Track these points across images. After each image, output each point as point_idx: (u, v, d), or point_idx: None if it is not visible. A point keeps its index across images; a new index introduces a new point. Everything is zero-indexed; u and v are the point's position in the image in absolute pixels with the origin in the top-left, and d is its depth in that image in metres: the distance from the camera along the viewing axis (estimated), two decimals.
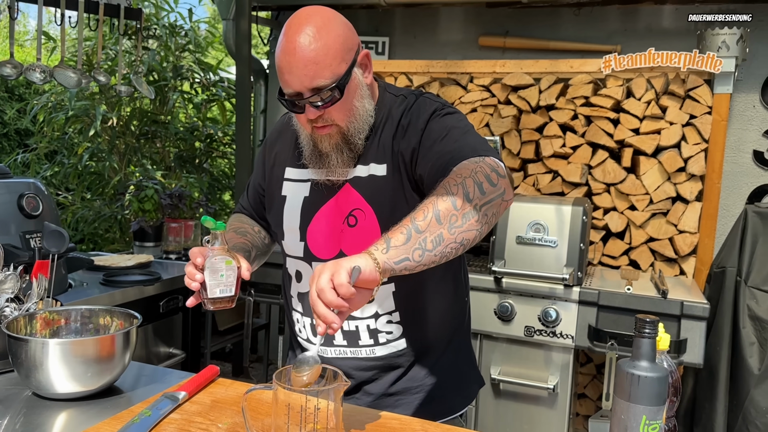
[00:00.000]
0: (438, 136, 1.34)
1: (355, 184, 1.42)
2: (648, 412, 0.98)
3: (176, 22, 4.47)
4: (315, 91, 1.29)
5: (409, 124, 1.40)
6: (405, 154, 1.39)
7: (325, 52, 1.28)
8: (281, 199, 1.53)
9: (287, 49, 1.29)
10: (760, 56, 3.24)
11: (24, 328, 1.49)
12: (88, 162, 4.22)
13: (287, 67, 1.29)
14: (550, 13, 3.57)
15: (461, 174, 1.22)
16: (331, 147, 1.38)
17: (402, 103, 1.45)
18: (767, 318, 2.54)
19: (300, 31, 1.28)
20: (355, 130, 1.38)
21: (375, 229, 1.40)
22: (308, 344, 1.54)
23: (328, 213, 1.45)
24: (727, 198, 3.31)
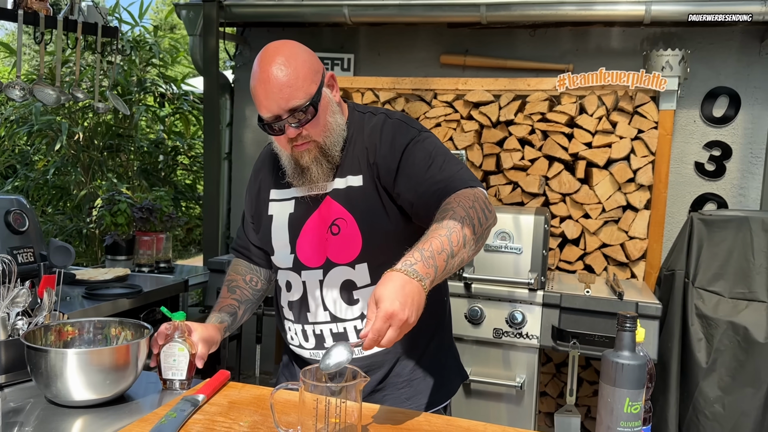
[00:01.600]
0: (423, 164, 1.49)
1: (335, 196, 1.57)
2: (630, 395, 1.15)
3: (140, 37, 4.51)
4: (291, 111, 1.45)
5: (381, 141, 1.55)
6: (380, 168, 1.53)
7: (296, 76, 1.44)
8: (268, 219, 1.68)
9: (262, 78, 1.45)
10: (700, 75, 3.52)
11: (41, 340, 1.55)
12: (51, 177, 4.21)
13: (264, 94, 1.45)
14: (507, 33, 3.78)
15: (464, 204, 1.38)
16: (311, 160, 1.52)
17: (371, 120, 1.60)
18: (713, 316, 2.78)
19: (271, 62, 1.44)
20: (331, 143, 1.53)
21: (356, 235, 1.55)
22: (300, 350, 1.68)
23: (313, 225, 1.59)
24: (672, 206, 3.58)
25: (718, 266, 2.85)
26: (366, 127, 1.59)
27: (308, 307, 1.62)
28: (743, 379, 2.70)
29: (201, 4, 3.90)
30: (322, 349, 1.61)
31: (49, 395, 1.47)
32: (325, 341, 1.61)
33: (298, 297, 1.63)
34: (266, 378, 3.90)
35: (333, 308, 1.60)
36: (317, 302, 1.61)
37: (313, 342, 1.63)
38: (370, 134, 1.57)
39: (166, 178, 4.75)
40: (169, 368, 1.56)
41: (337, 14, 3.73)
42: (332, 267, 1.58)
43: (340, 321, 1.60)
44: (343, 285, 1.58)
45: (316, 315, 1.62)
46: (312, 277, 1.60)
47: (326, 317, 1.61)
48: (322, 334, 1.62)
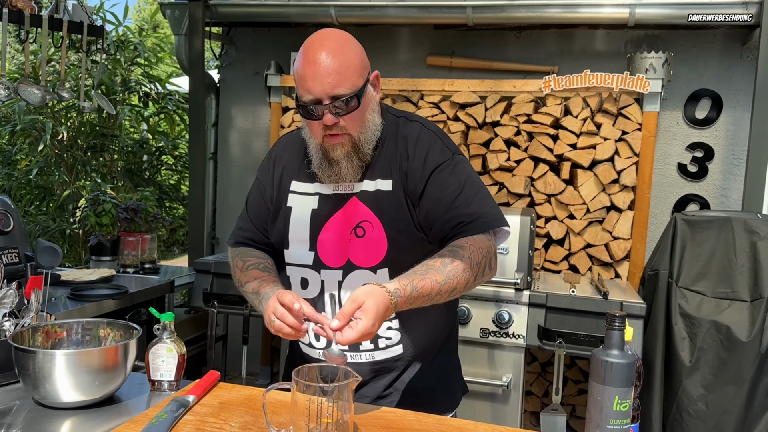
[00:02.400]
0: (452, 192, 1.51)
1: (362, 197, 1.55)
2: (620, 393, 1.16)
3: (124, 36, 4.48)
4: (334, 98, 1.43)
5: (414, 152, 1.54)
6: (409, 180, 1.53)
7: (347, 65, 1.42)
8: (287, 210, 1.62)
9: (311, 60, 1.42)
10: (683, 78, 3.57)
11: (28, 341, 1.54)
12: (34, 177, 4.16)
13: (311, 75, 1.42)
14: (493, 35, 3.80)
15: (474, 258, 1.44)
16: (343, 155, 1.50)
17: (405, 125, 1.59)
18: (696, 315, 2.82)
19: (324, 46, 1.43)
20: (365, 140, 1.51)
21: (382, 239, 1.53)
22: (309, 349, 1.65)
23: (336, 224, 1.56)
24: (655, 207, 3.62)
25: (701, 266, 2.89)
26: (400, 131, 1.57)
27: (324, 306, 1.60)
28: (726, 378, 2.74)
29: (186, 3, 3.88)
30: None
31: (37, 397, 1.46)
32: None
33: (315, 295, 1.61)
34: (252, 379, 3.89)
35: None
36: (334, 302, 1.59)
37: (324, 342, 1.61)
38: (404, 141, 1.56)
39: (151, 178, 4.72)
40: (157, 369, 1.56)
41: (324, 15, 3.73)
42: (353, 269, 1.56)
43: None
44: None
45: (330, 315, 1.59)
46: (331, 277, 1.58)
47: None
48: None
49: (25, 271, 1.79)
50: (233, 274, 1.68)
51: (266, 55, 4.10)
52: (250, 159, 4.32)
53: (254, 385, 3.25)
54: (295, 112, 3.80)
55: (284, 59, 3.98)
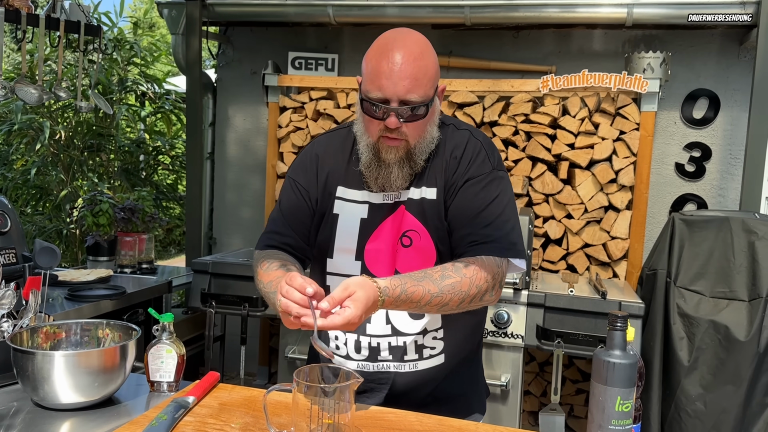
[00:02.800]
0: (478, 205, 1.46)
1: (409, 206, 1.51)
2: (622, 393, 1.16)
3: (120, 35, 4.46)
4: (404, 103, 1.39)
5: (460, 161, 1.50)
6: (447, 187, 1.50)
7: (424, 72, 1.39)
8: (332, 217, 1.55)
9: (389, 58, 1.37)
10: (680, 77, 3.57)
11: (27, 342, 1.53)
12: (31, 177, 4.15)
13: (387, 73, 1.37)
14: (490, 35, 3.80)
15: (477, 282, 1.39)
16: (395, 160, 1.46)
17: (454, 134, 1.54)
18: (694, 315, 2.82)
19: (405, 47, 1.38)
20: (419, 151, 1.47)
21: (430, 249, 1.49)
22: (345, 360, 1.59)
23: (384, 233, 1.52)
24: (653, 206, 3.63)
25: (699, 266, 2.89)
26: (449, 140, 1.54)
27: (369, 318, 1.53)
28: (724, 377, 2.75)
29: (183, 3, 3.87)
30: (374, 361, 1.56)
31: (36, 398, 1.45)
32: (380, 354, 1.56)
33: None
34: (250, 379, 3.89)
35: (396, 322, 1.55)
36: (380, 314, 1.53)
37: (366, 354, 1.57)
38: (452, 150, 1.52)
39: (147, 178, 4.71)
40: (157, 370, 1.56)
41: (322, 14, 3.73)
42: None
43: (401, 335, 1.55)
44: None
45: (376, 328, 1.55)
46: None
47: (387, 330, 1.55)
48: (378, 346, 1.56)
49: (23, 272, 1.78)
50: (255, 276, 1.58)
51: (264, 54, 4.09)
52: (248, 159, 4.32)
53: (252, 385, 3.25)
54: (294, 112, 3.80)
55: (282, 59, 3.97)
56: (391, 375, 1.56)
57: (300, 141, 3.80)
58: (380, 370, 1.56)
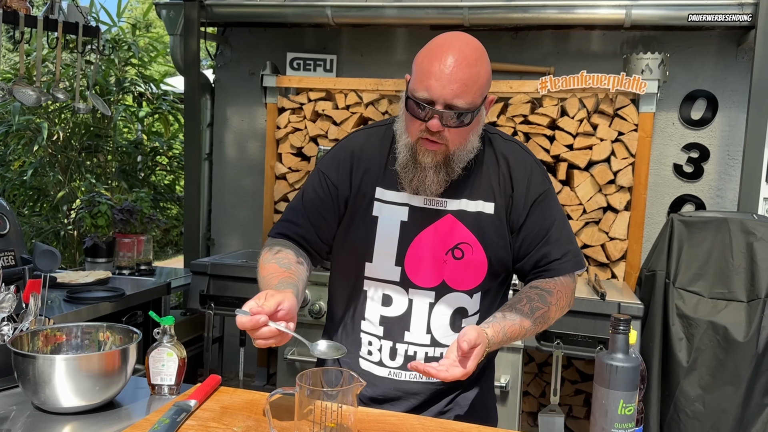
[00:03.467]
0: (546, 225, 1.51)
1: (461, 217, 1.49)
2: (624, 396, 1.16)
3: (117, 36, 4.46)
4: (448, 107, 1.36)
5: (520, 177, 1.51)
6: (514, 206, 1.50)
7: (474, 80, 1.37)
8: (372, 219, 1.52)
9: (442, 59, 1.35)
10: (679, 78, 3.58)
11: (28, 345, 1.53)
12: (28, 178, 4.14)
13: (437, 74, 1.34)
14: (489, 36, 3.80)
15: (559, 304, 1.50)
16: (432, 164, 1.42)
17: (502, 144, 1.54)
18: (693, 316, 2.83)
19: (460, 51, 1.36)
20: (458, 158, 1.44)
21: (483, 264, 1.49)
22: (376, 366, 1.57)
23: (428, 241, 1.49)
24: (651, 207, 3.63)
25: (697, 267, 2.90)
26: (498, 150, 1.52)
27: (408, 326, 1.52)
28: (723, 378, 2.75)
29: (182, 3, 3.86)
30: (407, 370, 1.53)
31: (37, 402, 1.45)
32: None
33: (399, 314, 1.52)
34: (249, 380, 3.88)
35: (436, 333, 1.53)
36: (421, 324, 1.52)
37: (401, 362, 1.54)
38: (506, 163, 1.51)
39: (145, 179, 4.70)
40: (158, 373, 1.55)
41: (320, 15, 3.72)
42: (448, 292, 1.51)
43: (439, 346, 1.53)
44: (455, 311, 1.52)
45: (415, 336, 1.53)
46: (422, 298, 1.51)
47: (426, 340, 1.53)
48: (414, 355, 1.53)
49: (23, 275, 1.77)
50: (259, 261, 1.54)
51: (262, 55, 4.09)
52: (246, 160, 4.31)
53: (251, 386, 3.24)
54: (292, 113, 3.79)
55: (280, 60, 3.97)
56: (420, 386, 1.55)
57: (298, 142, 3.80)
58: (411, 380, 1.55)
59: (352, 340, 1.59)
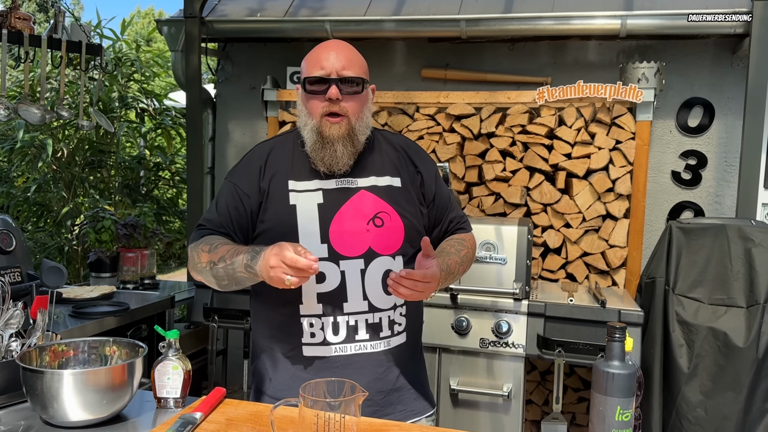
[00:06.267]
0: (448, 194, 1.84)
1: (375, 191, 1.68)
2: (621, 403, 1.19)
3: (120, 52, 4.51)
4: (342, 79, 1.60)
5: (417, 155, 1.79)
6: (425, 181, 1.76)
7: (356, 57, 1.65)
8: (290, 208, 1.66)
9: (325, 46, 1.63)
10: (675, 86, 3.61)
11: (36, 361, 1.56)
12: (32, 194, 4.18)
13: (325, 56, 1.60)
14: (486, 47, 3.85)
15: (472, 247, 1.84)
16: (339, 136, 1.62)
17: (389, 136, 1.81)
18: (693, 322, 2.84)
19: (338, 41, 1.67)
20: (359, 129, 1.65)
21: (399, 229, 1.68)
22: (320, 348, 1.64)
23: (348, 215, 1.65)
24: (650, 214, 3.66)
25: (697, 273, 2.92)
26: (388, 139, 1.78)
27: (345, 297, 1.64)
28: (724, 384, 2.77)
29: (183, 20, 3.91)
30: (352, 342, 1.64)
31: (45, 416, 1.47)
32: (357, 332, 1.64)
33: (334, 287, 1.64)
34: None
35: (372, 298, 1.65)
36: (356, 292, 1.64)
37: (344, 335, 1.64)
38: (401, 147, 1.78)
39: (148, 194, 4.74)
40: (164, 387, 1.58)
41: (319, 29, 3.77)
42: (375, 257, 1.65)
43: (377, 311, 1.66)
44: (384, 274, 1.65)
45: (353, 305, 1.64)
46: (353, 267, 1.64)
47: (364, 307, 1.65)
48: (356, 324, 1.64)
49: (30, 291, 1.80)
50: (196, 262, 1.62)
51: (262, 70, 4.13)
52: None
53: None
54: (292, 126, 3.83)
55: (280, 74, 4.01)
56: (367, 357, 1.65)
57: None
58: (358, 352, 1.65)
59: (294, 330, 1.67)
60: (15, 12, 2.71)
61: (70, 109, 3.15)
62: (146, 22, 20.90)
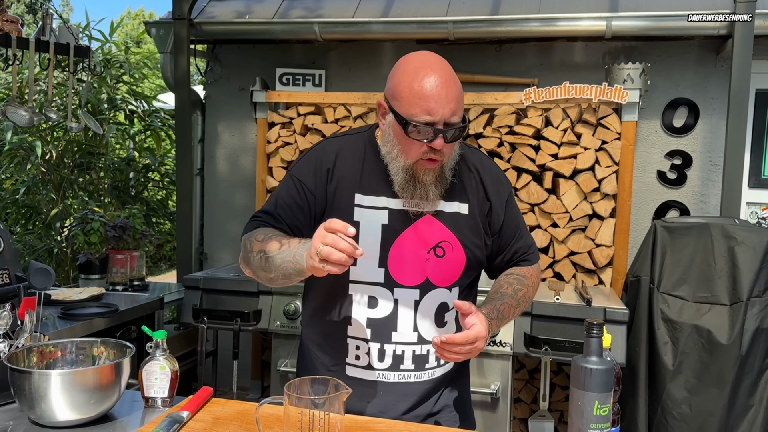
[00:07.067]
0: (518, 222, 1.71)
1: (440, 217, 1.58)
2: (599, 397, 1.21)
3: (109, 54, 4.51)
4: (448, 125, 1.45)
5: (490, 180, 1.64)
6: (493, 209, 1.63)
7: (461, 95, 1.48)
8: (354, 225, 1.49)
9: (432, 82, 1.42)
10: (660, 87, 3.65)
11: (24, 361, 1.57)
12: (21, 196, 4.17)
13: (435, 97, 1.42)
14: (474, 49, 3.87)
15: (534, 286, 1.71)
16: (434, 180, 1.52)
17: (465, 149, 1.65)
18: (678, 320, 2.88)
19: (443, 72, 1.45)
20: (449, 168, 1.55)
21: (461, 260, 1.59)
22: (364, 371, 1.60)
23: (409, 241, 1.56)
24: (636, 214, 3.70)
25: (681, 271, 2.95)
26: (466, 158, 1.63)
27: (395, 326, 1.57)
28: (708, 380, 2.80)
29: (171, 22, 3.92)
30: (396, 371, 1.59)
31: (33, 416, 1.48)
32: (403, 362, 1.59)
33: (386, 315, 1.58)
34: (243, 394, 3.91)
35: (422, 330, 1.59)
36: (407, 322, 1.58)
37: (389, 363, 1.59)
38: (474, 168, 1.63)
39: (137, 195, 4.74)
40: (151, 386, 1.59)
41: (308, 31, 3.79)
42: (431, 288, 1.58)
43: (426, 343, 1.59)
44: (438, 307, 1.59)
45: (402, 335, 1.58)
46: (407, 296, 1.57)
47: (413, 338, 1.59)
48: (402, 354, 1.59)
49: (18, 293, 1.81)
50: (248, 251, 1.53)
51: (252, 71, 4.15)
52: (237, 174, 4.36)
53: (245, 399, 3.27)
54: (282, 127, 3.85)
55: (269, 75, 4.03)
56: (409, 386, 1.61)
57: (289, 156, 3.85)
58: (401, 381, 1.60)
59: (339, 347, 1.62)
60: (3, 15, 2.71)
61: (58, 111, 3.14)
62: (136, 24, 20.83)
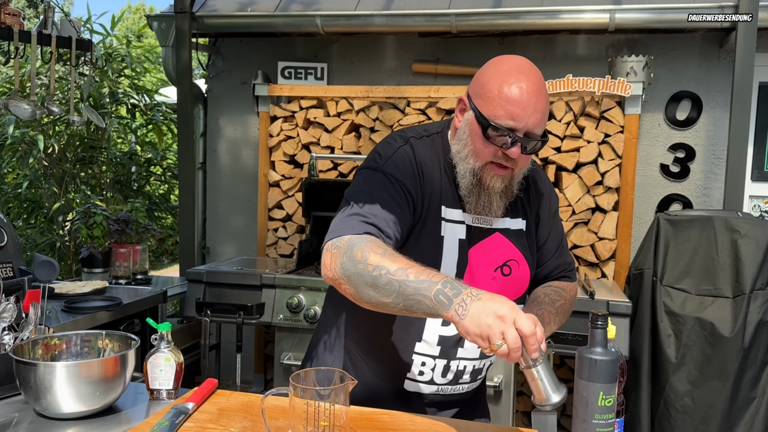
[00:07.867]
0: (561, 238, 1.65)
1: (508, 235, 1.52)
2: (604, 389, 1.21)
3: (111, 48, 4.50)
4: (528, 136, 1.38)
5: (543, 197, 1.60)
6: (541, 223, 1.60)
7: (547, 111, 1.41)
8: (440, 239, 1.47)
9: (523, 88, 1.34)
10: (663, 80, 3.65)
11: (28, 354, 1.57)
12: (23, 190, 4.18)
13: (523, 104, 1.34)
14: (476, 42, 3.86)
15: (572, 298, 1.64)
16: (500, 189, 1.44)
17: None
18: (681, 312, 2.88)
19: (535, 77, 1.38)
20: (517, 181, 1.48)
21: (527, 278, 1.55)
22: (425, 385, 1.57)
23: (478, 258, 1.50)
24: (639, 207, 3.69)
25: (684, 264, 2.95)
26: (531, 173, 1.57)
27: (463, 343, 1.53)
28: (711, 373, 2.80)
29: (173, 15, 3.91)
30: (455, 384, 1.58)
31: (39, 408, 1.48)
32: (462, 377, 1.58)
33: (456, 332, 1.45)
34: (246, 387, 3.92)
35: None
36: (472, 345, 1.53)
37: (451, 378, 1.57)
38: (533, 182, 1.58)
39: (140, 189, 4.74)
40: (156, 378, 1.59)
41: (310, 24, 3.78)
42: None
43: (485, 358, 1.58)
44: None
45: (468, 352, 1.55)
46: None
47: (476, 354, 1.56)
48: (464, 369, 1.57)
49: (22, 285, 1.81)
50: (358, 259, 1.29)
51: (253, 64, 4.14)
52: (239, 168, 4.36)
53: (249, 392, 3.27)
54: (284, 121, 3.84)
55: (271, 69, 4.02)
56: (462, 395, 1.62)
57: (291, 149, 3.84)
58: (454, 392, 1.61)
59: (402, 362, 1.55)
60: (5, 8, 2.71)
61: (60, 104, 3.14)
62: (137, 18, 20.79)
